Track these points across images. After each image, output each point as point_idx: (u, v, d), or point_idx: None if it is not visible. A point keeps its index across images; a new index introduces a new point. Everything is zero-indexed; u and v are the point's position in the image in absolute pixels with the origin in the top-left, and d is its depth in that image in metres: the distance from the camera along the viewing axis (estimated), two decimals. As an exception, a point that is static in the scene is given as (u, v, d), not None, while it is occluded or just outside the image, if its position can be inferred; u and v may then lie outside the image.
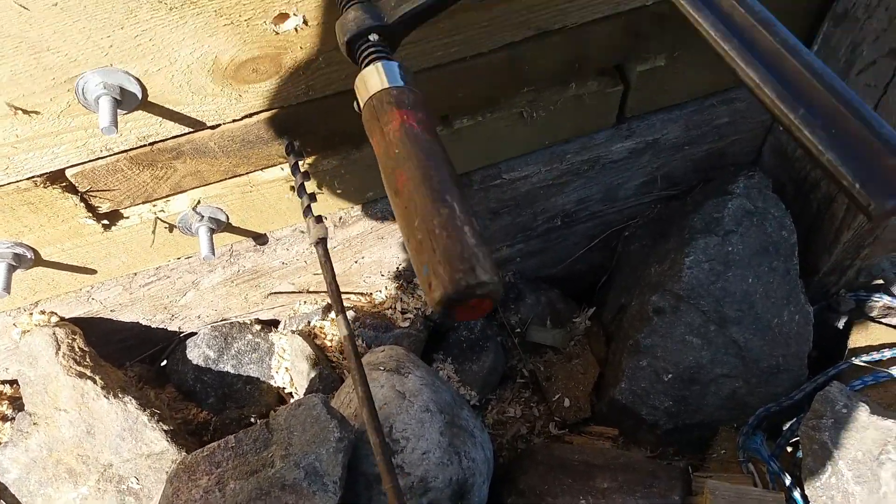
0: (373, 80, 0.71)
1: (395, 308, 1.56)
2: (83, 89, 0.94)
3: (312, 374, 1.45)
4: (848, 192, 0.50)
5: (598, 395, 1.67)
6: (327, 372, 1.46)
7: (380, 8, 0.79)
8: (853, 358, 1.55)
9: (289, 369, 1.54)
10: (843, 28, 1.26)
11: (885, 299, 1.63)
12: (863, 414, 1.36)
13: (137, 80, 0.95)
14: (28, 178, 1.06)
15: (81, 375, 1.32)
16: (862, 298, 1.66)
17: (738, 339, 1.48)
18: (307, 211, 1.09)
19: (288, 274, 1.48)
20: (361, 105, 0.72)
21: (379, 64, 0.73)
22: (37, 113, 0.95)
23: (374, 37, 0.76)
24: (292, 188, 1.24)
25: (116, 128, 0.89)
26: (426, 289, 0.57)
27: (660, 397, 1.53)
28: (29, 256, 1.21)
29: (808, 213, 1.52)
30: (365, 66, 0.74)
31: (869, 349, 1.57)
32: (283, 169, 1.23)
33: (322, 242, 1.03)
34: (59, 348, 1.33)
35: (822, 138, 0.52)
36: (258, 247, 1.39)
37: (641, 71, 1.27)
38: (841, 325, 1.69)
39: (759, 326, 1.48)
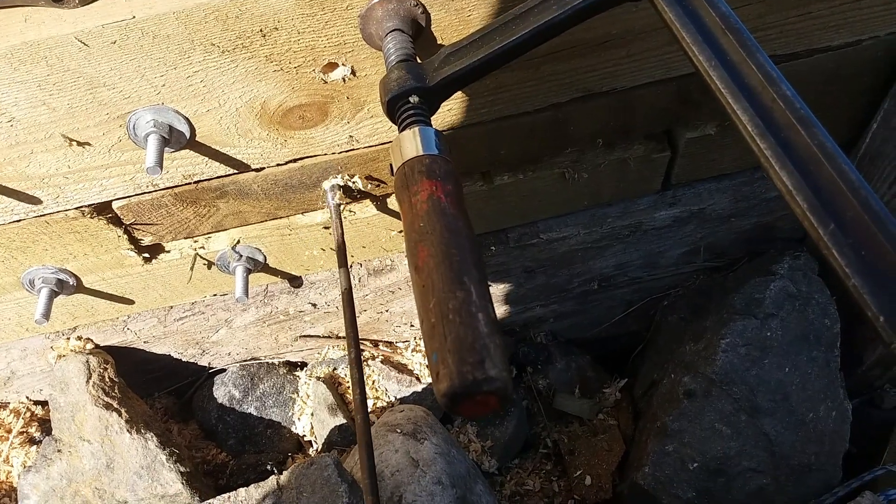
0: (408, 145, 0.72)
1: (422, 363, 1.53)
2: (134, 125, 0.96)
3: (332, 426, 1.43)
4: (871, 322, 0.46)
5: (621, 474, 1.60)
6: (347, 424, 1.44)
7: (423, 69, 0.79)
8: (891, 464, 1.45)
9: (311, 417, 1.52)
10: (903, 108, 1.22)
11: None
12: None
13: (187, 119, 0.97)
14: (76, 208, 1.09)
15: (108, 407, 1.33)
16: (908, 395, 1.57)
17: (769, 431, 1.40)
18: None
19: (319, 318, 1.48)
20: (395, 169, 0.72)
21: (416, 129, 0.73)
22: (89, 145, 0.98)
23: (414, 98, 0.76)
24: (326, 228, 1.24)
25: (161, 168, 0.91)
26: (434, 378, 0.55)
27: (683, 486, 1.45)
28: (71, 283, 1.23)
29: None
30: (402, 130, 0.74)
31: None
32: (322, 214, 1.24)
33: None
34: (90, 377, 1.35)
35: (851, 260, 0.49)
36: (293, 289, 1.40)
37: (690, 138, 1.25)
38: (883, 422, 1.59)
39: (792, 420, 1.41)
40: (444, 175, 0.71)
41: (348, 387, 1.54)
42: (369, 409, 1.50)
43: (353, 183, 1.15)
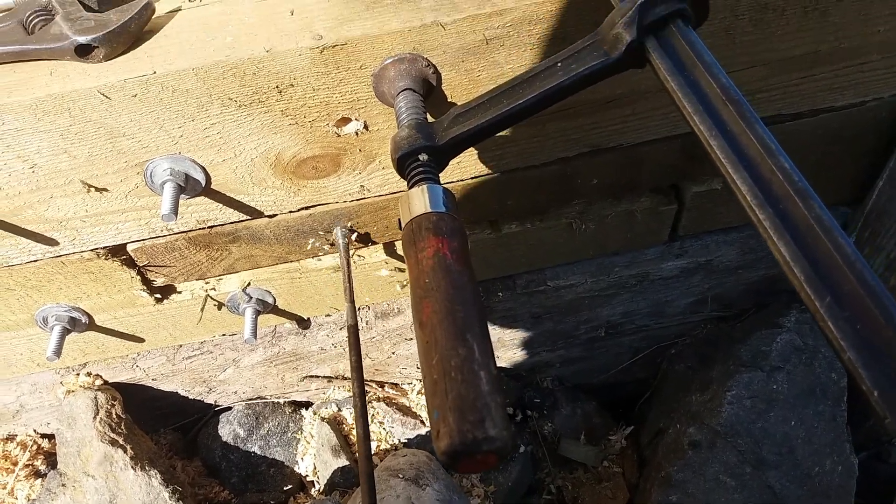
0: (416, 202, 0.74)
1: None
2: (151, 173, 0.99)
3: (335, 467, 1.44)
4: (866, 397, 0.47)
5: (625, 524, 1.59)
6: (349, 466, 1.44)
7: (433, 128, 0.82)
8: None
9: (314, 457, 1.53)
10: (909, 166, 1.24)
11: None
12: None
13: (203, 168, 1.00)
14: (92, 250, 1.11)
15: (114, 443, 1.34)
16: (915, 450, 1.56)
17: (774, 485, 1.39)
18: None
19: (326, 359, 1.49)
20: (403, 224, 0.74)
21: (425, 186, 0.75)
22: (106, 191, 1.01)
23: (423, 157, 0.79)
24: (336, 271, 1.26)
25: (176, 215, 0.93)
26: (434, 435, 0.56)
27: (687, 538, 1.45)
28: (84, 321, 1.25)
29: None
30: (411, 187, 0.76)
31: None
32: (332, 258, 1.26)
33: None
34: (97, 413, 1.36)
35: (846, 333, 0.49)
36: (300, 330, 1.41)
37: (697, 192, 1.26)
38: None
39: (797, 474, 1.40)
40: (451, 232, 0.73)
41: (352, 428, 1.54)
42: (373, 452, 1.50)
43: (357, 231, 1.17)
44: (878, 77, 1.10)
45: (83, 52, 0.86)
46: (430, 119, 0.87)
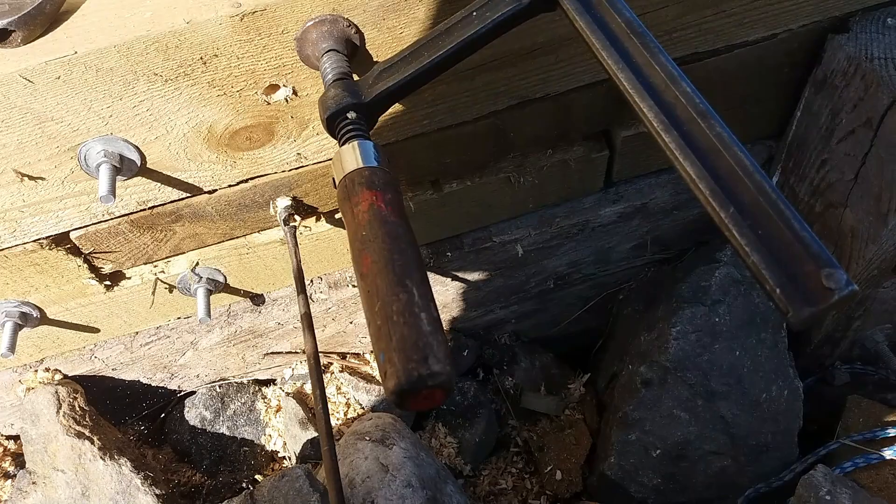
0: (348, 159, 0.76)
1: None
2: (85, 156, 0.99)
3: (304, 440, 1.46)
4: (770, 295, 0.51)
5: (590, 466, 1.65)
6: (319, 437, 1.47)
7: (359, 85, 0.84)
8: (845, 437, 1.51)
9: (282, 433, 1.55)
10: (822, 95, 1.29)
11: (880, 373, 1.60)
12: (845, 502, 1.30)
13: (136, 147, 1.00)
14: (34, 241, 1.11)
15: (80, 435, 1.34)
16: (857, 371, 1.63)
17: (725, 414, 1.45)
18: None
19: (284, 335, 1.51)
20: (337, 182, 0.76)
21: (355, 143, 0.77)
22: (42, 179, 1.01)
23: (352, 114, 0.81)
24: (284, 243, 1.28)
25: (114, 196, 0.94)
26: (382, 376, 0.59)
27: (648, 474, 1.51)
28: (35, 315, 1.25)
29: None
30: (342, 145, 0.78)
31: (862, 428, 1.52)
32: (278, 231, 1.27)
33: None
34: (60, 407, 1.36)
35: (750, 239, 0.53)
36: (255, 307, 1.43)
37: (626, 136, 1.30)
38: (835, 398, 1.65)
39: (746, 402, 1.45)
40: (384, 185, 0.75)
41: (317, 399, 1.57)
42: (342, 420, 1.53)
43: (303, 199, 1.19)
44: (786, 9, 1.15)
45: (0, 37, 0.86)
46: (356, 78, 0.89)
